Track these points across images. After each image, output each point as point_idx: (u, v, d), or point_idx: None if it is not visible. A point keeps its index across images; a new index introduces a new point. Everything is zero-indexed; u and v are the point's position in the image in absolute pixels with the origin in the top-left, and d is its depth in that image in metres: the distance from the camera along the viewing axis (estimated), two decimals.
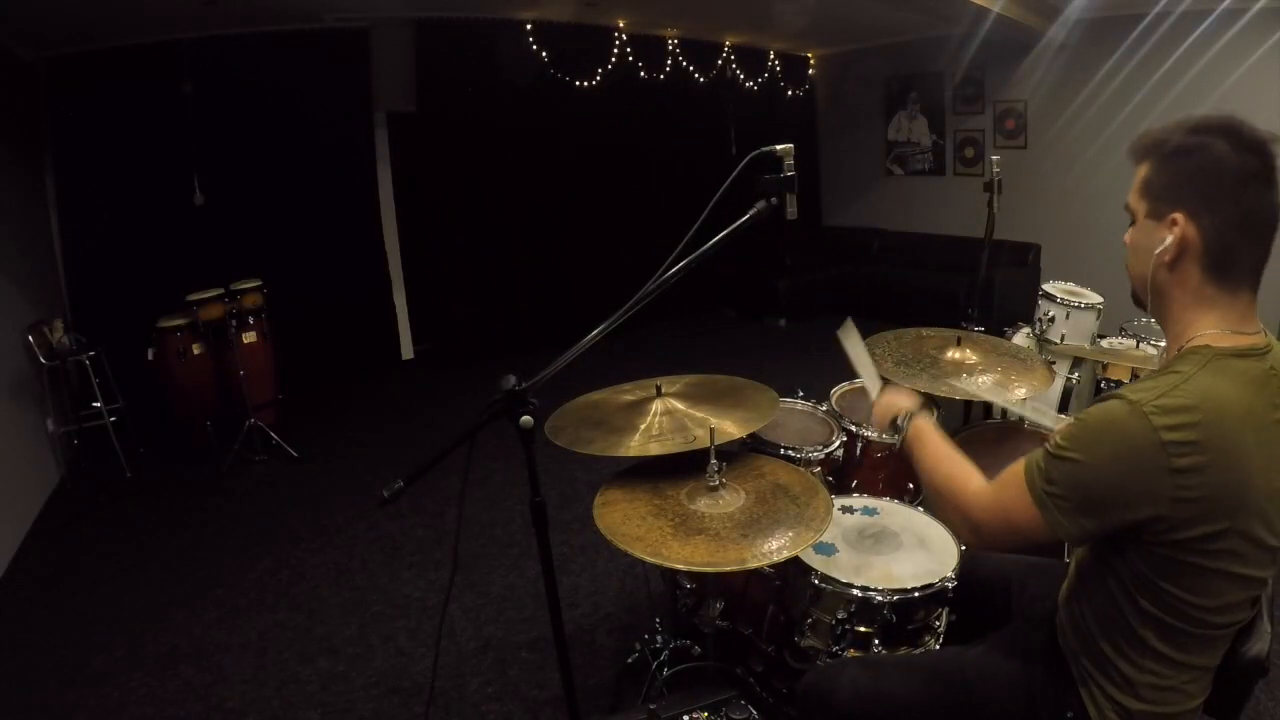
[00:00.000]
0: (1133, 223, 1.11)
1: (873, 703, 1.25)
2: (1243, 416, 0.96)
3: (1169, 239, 1.03)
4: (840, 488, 2.19)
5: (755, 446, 2.07)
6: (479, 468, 3.92)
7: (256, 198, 5.22)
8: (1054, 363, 2.73)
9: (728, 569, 1.38)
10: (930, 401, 2.26)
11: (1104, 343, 3.29)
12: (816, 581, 1.60)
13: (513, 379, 1.26)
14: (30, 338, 3.96)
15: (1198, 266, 1.03)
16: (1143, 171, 1.08)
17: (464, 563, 3.04)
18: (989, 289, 5.60)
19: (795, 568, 1.65)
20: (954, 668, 1.27)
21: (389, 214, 5.95)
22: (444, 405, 5.17)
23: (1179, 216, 1.02)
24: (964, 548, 1.65)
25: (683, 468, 1.64)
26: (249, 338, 4.40)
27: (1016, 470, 1.08)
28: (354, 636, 2.62)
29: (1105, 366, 3.02)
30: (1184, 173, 1.03)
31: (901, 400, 1.43)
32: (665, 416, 1.72)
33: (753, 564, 1.39)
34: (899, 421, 1.37)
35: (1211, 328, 1.03)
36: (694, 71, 6.69)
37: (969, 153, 6.87)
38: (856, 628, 1.57)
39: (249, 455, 4.22)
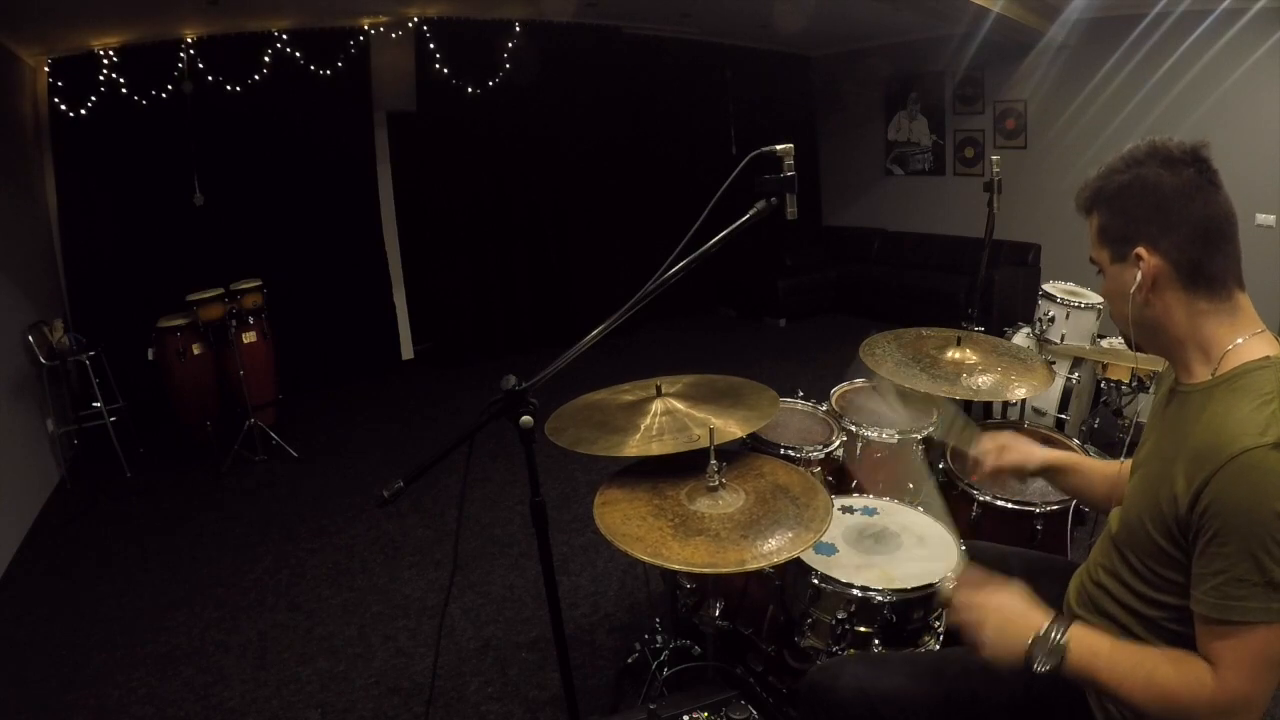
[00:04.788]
0: (1100, 273, 1.14)
1: (875, 699, 1.25)
2: None
3: (1139, 275, 1.05)
4: (840, 488, 2.19)
5: (755, 446, 2.07)
6: (479, 468, 3.92)
7: (256, 198, 5.22)
8: (1054, 363, 2.73)
9: (727, 571, 1.38)
10: (932, 404, 2.27)
11: (1104, 343, 3.30)
12: (816, 581, 1.60)
13: (513, 379, 1.26)
14: (30, 338, 3.96)
15: (1178, 289, 1.05)
16: (1095, 222, 1.11)
17: (464, 563, 3.04)
18: (989, 289, 5.61)
19: (795, 568, 1.65)
20: (959, 668, 1.27)
21: (389, 214, 5.96)
22: (444, 405, 5.16)
23: (1141, 250, 1.04)
24: (963, 547, 1.65)
25: (683, 468, 1.64)
26: (249, 338, 4.40)
27: (1233, 618, 0.92)
28: (354, 636, 2.62)
29: (1105, 366, 3.02)
30: (1130, 208, 1.05)
31: (1029, 615, 1.09)
32: (665, 416, 1.72)
33: (752, 565, 1.38)
34: (1053, 639, 1.04)
35: (1237, 334, 1.04)
36: (694, 71, 6.69)
37: (969, 153, 6.87)
38: (856, 628, 1.57)
39: (249, 455, 4.22)
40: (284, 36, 4.97)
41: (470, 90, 5.55)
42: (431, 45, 5.30)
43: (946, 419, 1.73)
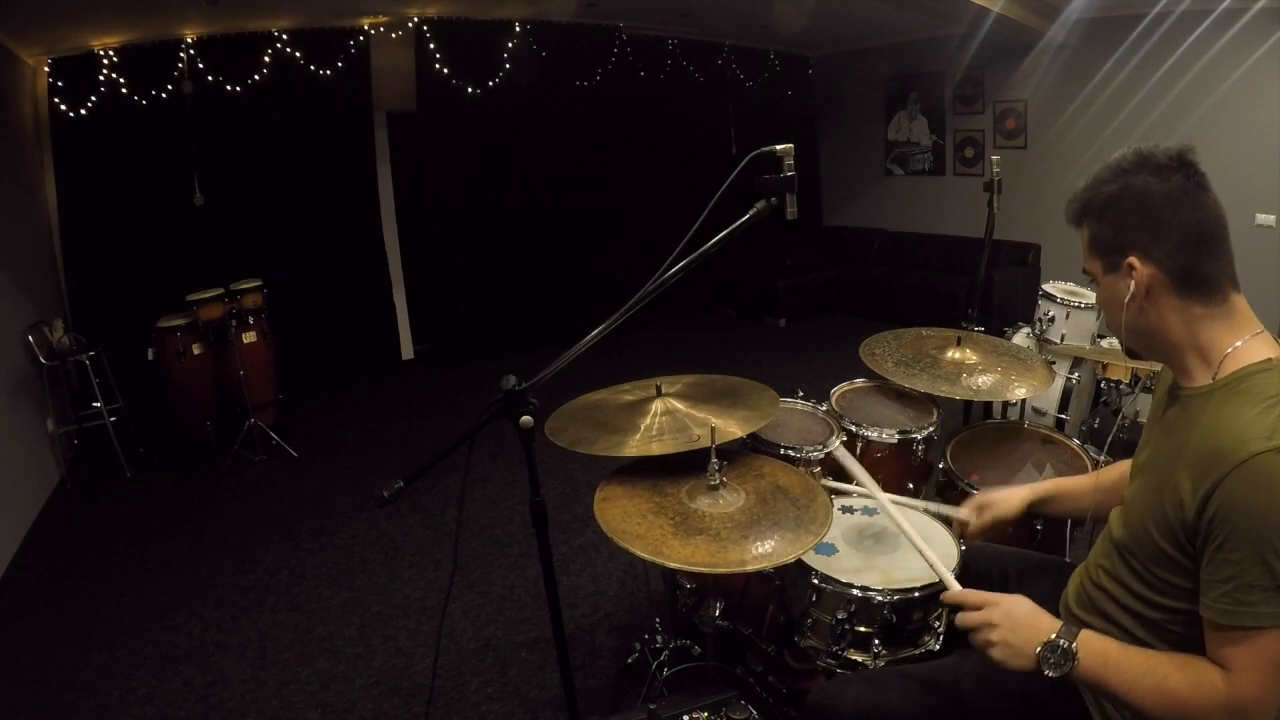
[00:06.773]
0: (1094, 283, 1.14)
1: (875, 718, 1.25)
2: None
3: (1132, 284, 1.05)
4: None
5: (755, 446, 2.07)
6: (479, 468, 3.92)
7: (256, 198, 5.22)
8: (1054, 363, 2.73)
9: (727, 570, 1.38)
10: (932, 404, 2.27)
11: (1104, 343, 3.29)
12: (816, 581, 1.59)
13: (513, 379, 1.26)
14: (30, 338, 3.96)
15: (1172, 295, 1.04)
16: (1086, 233, 1.11)
17: (464, 563, 3.04)
18: (989, 289, 5.61)
19: (795, 568, 1.65)
20: (950, 678, 1.27)
21: (389, 214, 5.96)
22: (444, 405, 5.17)
23: (1133, 259, 1.04)
24: (964, 547, 1.65)
25: (683, 466, 1.64)
26: (249, 338, 4.40)
27: (1245, 624, 0.92)
28: (354, 636, 2.62)
29: (1105, 366, 3.02)
30: (1120, 218, 1.05)
31: (1038, 619, 1.10)
32: (665, 416, 1.72)
33: (752, 566, 1.38)
34: (1061, 645, 1.04)
35: (1236, 337, 1.03)
36: (694, 71, 6.69)
37: (969, 153, 6.87)
38: (856, 628, 1.57)
39: (249, 455, 4.22)
40: (284, 37, 4.97)
41: (470, 90, 5.55)
42: (431, 45, 5.30)
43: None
